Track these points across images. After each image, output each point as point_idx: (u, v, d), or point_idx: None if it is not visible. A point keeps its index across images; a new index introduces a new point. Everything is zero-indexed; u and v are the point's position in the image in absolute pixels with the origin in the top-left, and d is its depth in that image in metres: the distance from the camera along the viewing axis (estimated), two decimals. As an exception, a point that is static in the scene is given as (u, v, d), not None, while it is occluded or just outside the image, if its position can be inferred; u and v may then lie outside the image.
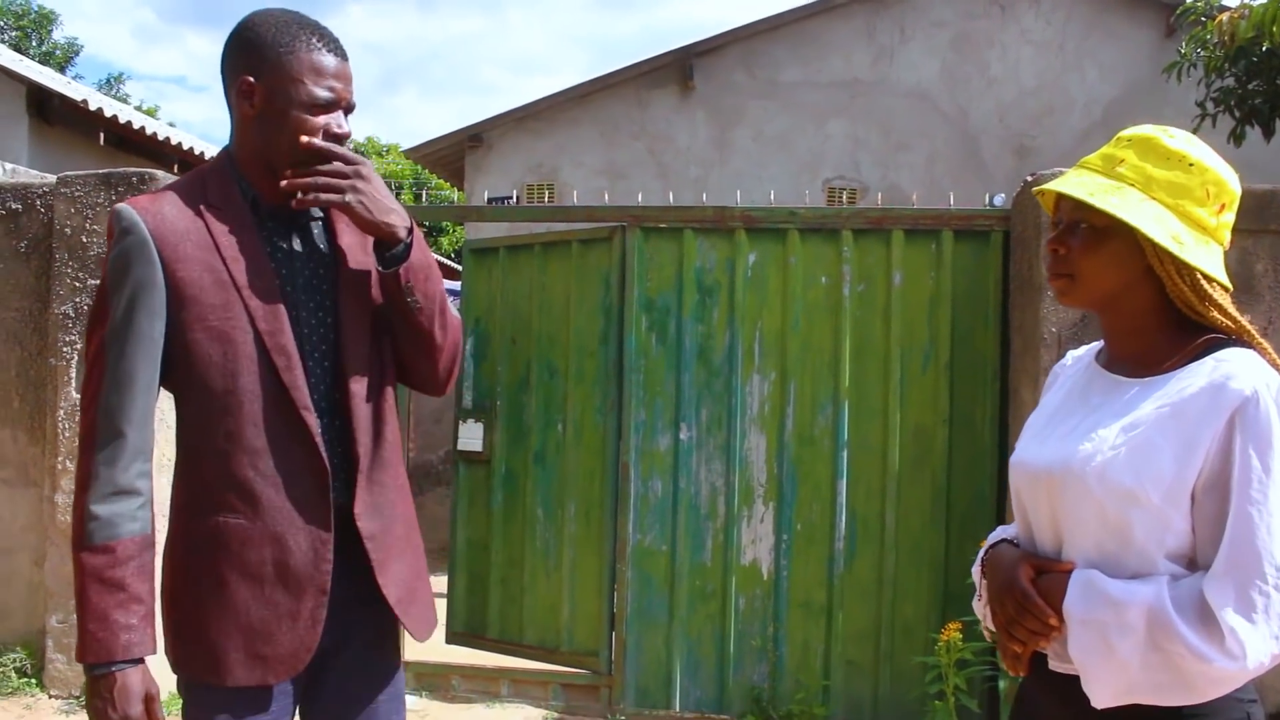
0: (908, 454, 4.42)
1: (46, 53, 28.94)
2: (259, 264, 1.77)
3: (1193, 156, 1.55)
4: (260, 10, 1.81)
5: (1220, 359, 1.50)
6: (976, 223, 4.45)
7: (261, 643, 1.76)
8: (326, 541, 1.78)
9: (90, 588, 1.68)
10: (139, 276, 1.71)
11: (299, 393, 1.75)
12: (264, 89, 1.75)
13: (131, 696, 1.67)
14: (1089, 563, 1.52)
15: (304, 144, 1.76)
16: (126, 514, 1.70)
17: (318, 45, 1.77)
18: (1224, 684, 1.43)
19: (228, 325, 1.73)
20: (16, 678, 4.52)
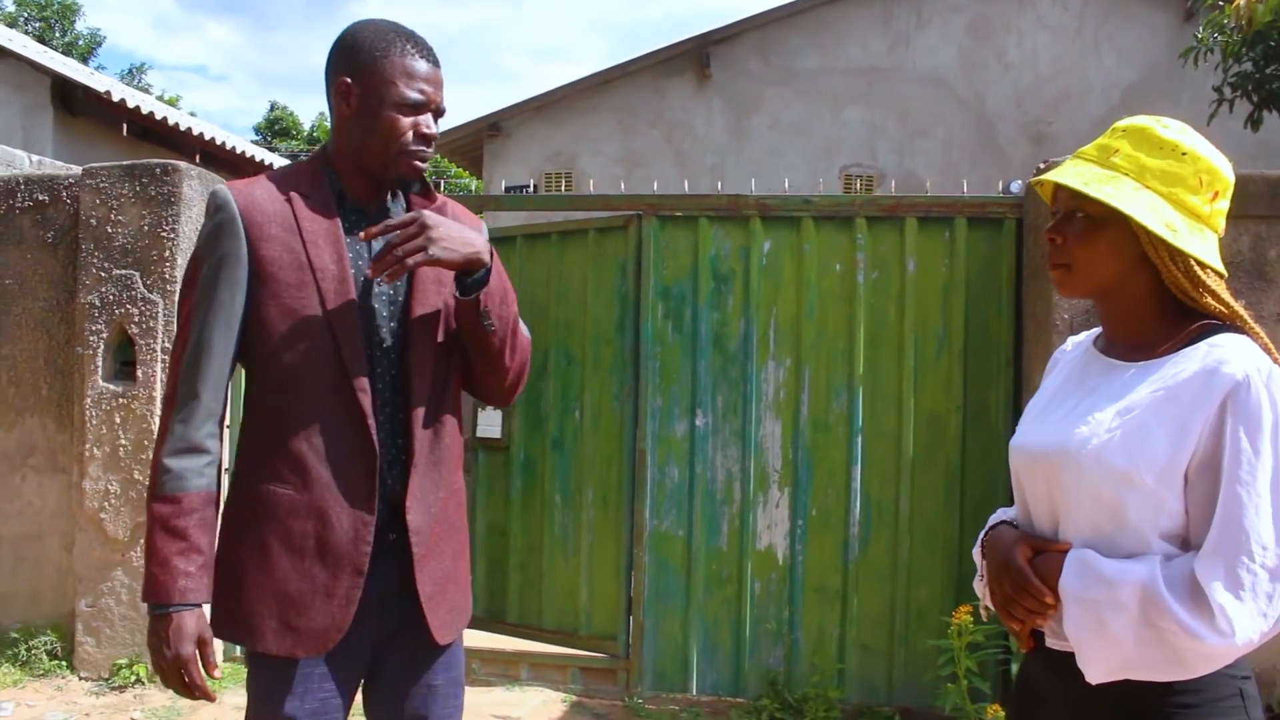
0: (921, 440, 4.45)
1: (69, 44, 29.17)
2: (336, 251, 1.86)
3: (1185, 145, 1.58)
4: (363, 19, 1.93)
5: (1214, 344, 1.53)
6: (990, 210, 4.46)
7: (295, 614, 1.84)
8: (369, 523, 1.85)
9: (156, 534, 1.80)
10: (225, 250, 1.83)
11: (357, 374, 1.84)
12: (360, 90, 1.86)
13: (185, 637, 1.78)
14: (1084, 542, 1.55)
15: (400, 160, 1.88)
16: (194, 469, 1.82)
17: (411, 51, 1.88)
18: (1214, 660, 1.47)
19: (300, 304, 1.83)
20: (48, 660, 4.62)
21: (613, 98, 11.18)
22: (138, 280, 4.51)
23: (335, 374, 1.84)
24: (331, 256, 1.86)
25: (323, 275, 1.84)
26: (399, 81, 1.85)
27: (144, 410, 4.49)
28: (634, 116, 11.12)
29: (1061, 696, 1.62)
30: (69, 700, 4.39)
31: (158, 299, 4.49)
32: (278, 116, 35.43)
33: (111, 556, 4.53)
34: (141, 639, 4.51)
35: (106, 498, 4.51)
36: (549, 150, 11.19)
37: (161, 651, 1.80)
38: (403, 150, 1.87)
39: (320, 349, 1.83)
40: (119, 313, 4.52)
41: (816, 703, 4.36)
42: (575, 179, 10.98)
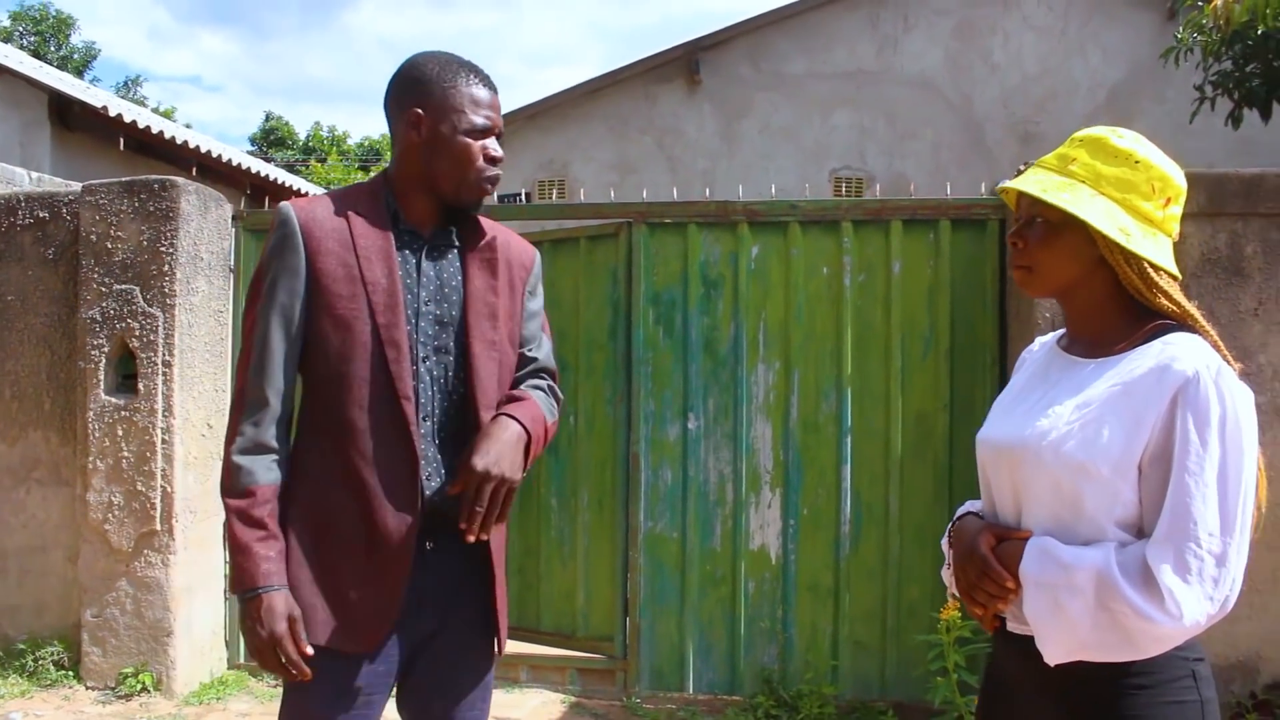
0: (910, 439, 4.53)
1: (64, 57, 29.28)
2: (388, 266, 1.96)
3: (1139, 155, 1.66)
4: (422, 52, 2.06)
5: (1167, 342, 1.61)
6: (974, 211, 4.55)
7: (343, 612, 1.94)
8: (412, 527, 1.93)
9: (236, 526, 1.90)
10: (286, 263, 1.94)
11: (403, 383, 1.93)
12: (430, 119, 1.97)
13: (277, 615, 1.86)
14: (1045, 531, 1.64)
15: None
16: (264, 465, 1.93)
17: (474, 81, 2.01)
18: (1164, 641, 1.55)
19: (351, 315, 1.93)
20: (54, 670, 4.70)
21: (604, 105, 11.28)
22: (138, 295, 4.59)
23: (382, 383, 1.93)
24: (383, 271, 1.95)
25: (374, 289, 1.94)
26: (467, 110, 1.98)
27: (146, 423, 4.57)
28: (625, 123, 11.21)
29: (1024, 679, 1.71)
30: (76, 709, 4.46)
31: (158, 313, 4.57)
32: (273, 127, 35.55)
33: (116, 567, 4.61)
34: (147, 647, 4.59)
35: (110, 509, 4.59)
36: (542, 158, 11.28)
37: (255, 632, 1.86)
38: (478, 174, 1.99)
39: (369, 358, 1.93)
40: (120, 327, 4.60)
41: (811, 699, 4.43)
42: (568, 186, 11.07)
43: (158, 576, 4.58)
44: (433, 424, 2.00)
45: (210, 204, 4.85)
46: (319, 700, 1.95)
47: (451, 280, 2.05)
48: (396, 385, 1.93)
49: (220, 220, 4.91)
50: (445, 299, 2.03)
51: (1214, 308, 3.96)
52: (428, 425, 1.99)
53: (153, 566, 4.58)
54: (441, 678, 2.07)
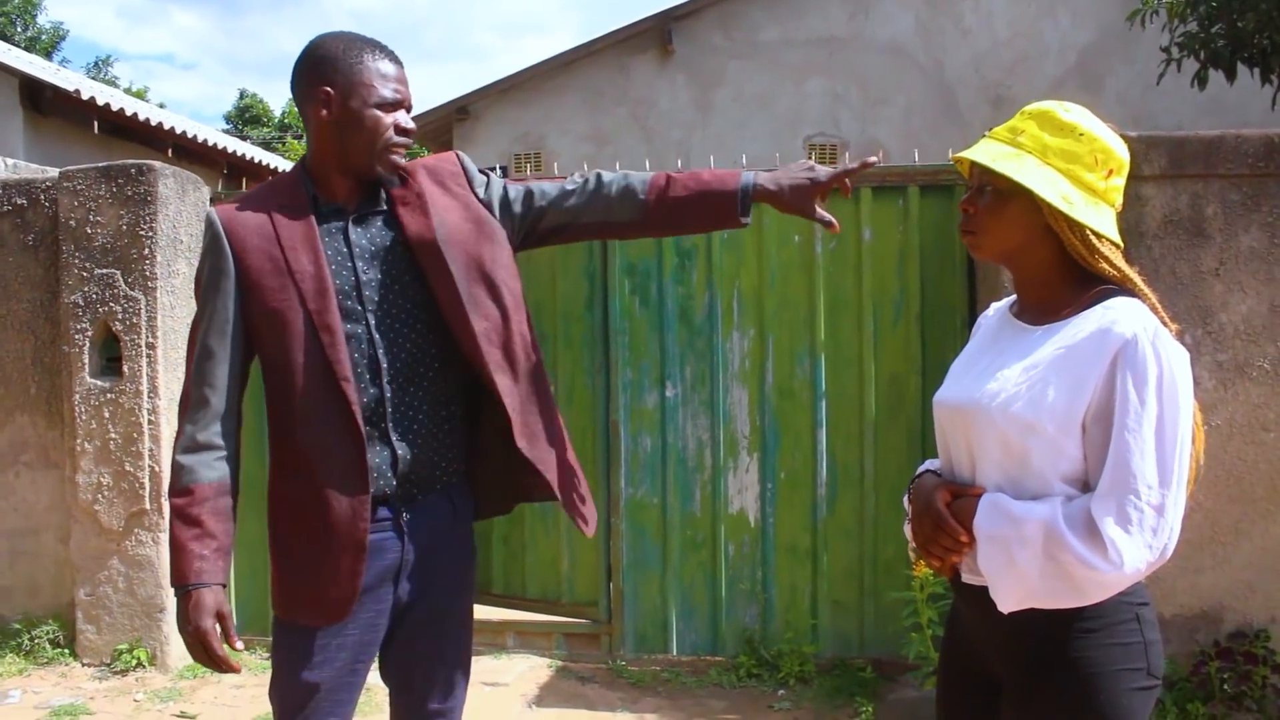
0: (883, 402, 4.63)
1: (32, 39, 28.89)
2: (313, 253, 2.01)
3: (1083, 127, 1.75)
4: (324, 34, 2.09)
5: (1109, 307, 1.71)
6: (941, 178, 4.62)
7: (305, 590, 2.03)
8: (364, 502, 1.99)
9: (174, 524, 1.98)
10: (215, 266, 2.02)
11: (340, 366, 1.98)
12: (339, 96, 2.01)
13: (203, 611, 1.93)
14: (995, 486, 1.73)
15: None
16: (205, 463, 1.99)
17: (380, 56, 2.04)
18: (1108, 588, 1.65)
19: (282, 305, 1.98)
20: (50, 648, 4.78)
21: (578, 77, 11.28)
22: (119, 279, 4.64)
23: (321, 368, 1.98)
24: (309, 259, 2.00)
25: (301, 277, 1.98)
26: (375, 83, 2.00)
27: (131, 404, 4.63)
28: (600, 95, 11.23)
29: (979, 626, 1.81)
30: (73, 686, 4.54)
31: (140, 296, 4.62)
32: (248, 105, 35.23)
33: (107, 546, 4.68)
34: (140, 624, 4.67)
35: (100, 490, 4.66)
36: (517, 131, 11.29)
37: (184, 628, 1.95)
38: (387, 144, 2.02)
39: (304, 346, 1.98)
40: (103, 311, 4.65)
41: (791, 658, 4.55)
42: (544, 159, 11.10)
43: (149, 554, 4.66)
44: (398, 386, 2.05)
45: (188, 187, 4.89)
46: (307, 670, 2.03)
47: (386, 240, 2.07)
48: (335, 369, 1.98)
49: (198, 203, 4.95)
50: (382, 260, 2.06)
51: (1176, 268, 4.05)
52: (393, 389, 2.04)
53: (144, 545, 4.65)
54: (424, 644, 2.15)
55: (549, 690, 4.53)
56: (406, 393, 2.06)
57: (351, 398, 1.98)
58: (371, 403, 2.03)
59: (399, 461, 2.04)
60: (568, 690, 4.53)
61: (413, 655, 2.16)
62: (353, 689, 2.09)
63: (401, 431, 2.05)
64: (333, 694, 2.04)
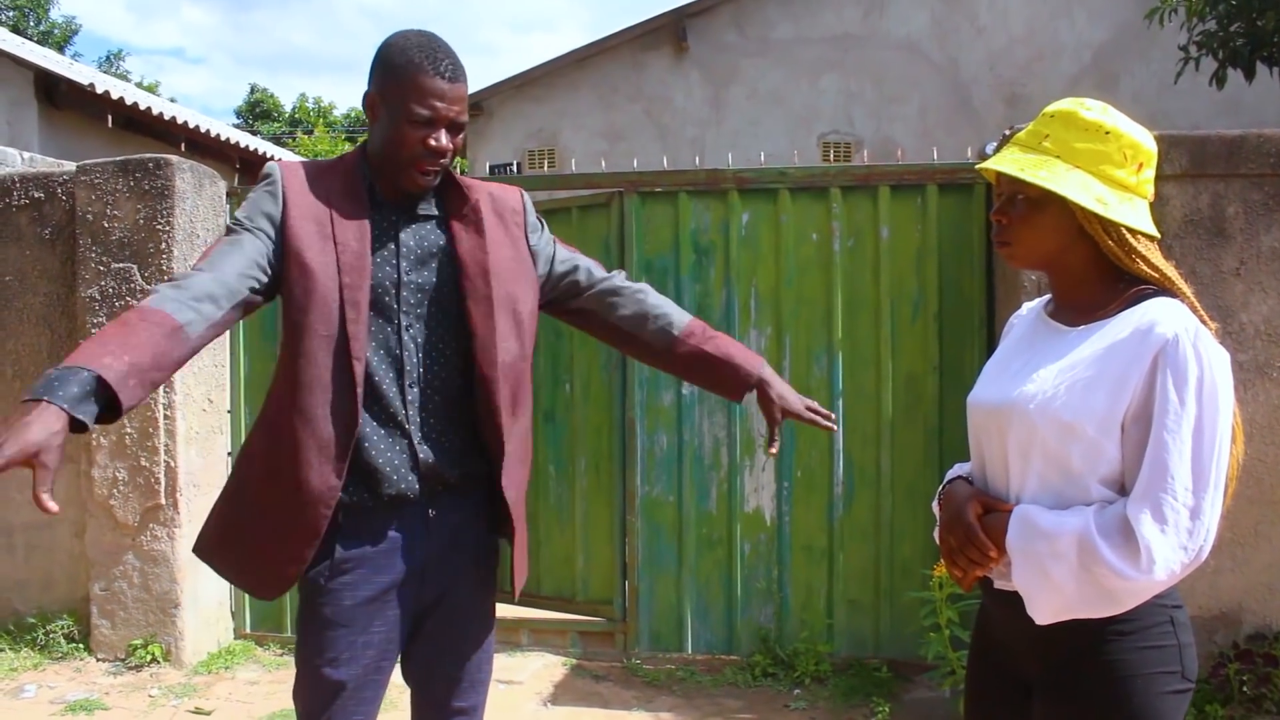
0: (900, 401, 4.61)
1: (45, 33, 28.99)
2: (360, 232, 1.99)
3: (1108, 125, 1.73)
4: (398, 33, 2.05)
5: (1148, 307, 1.69)
6: (960, 176, 4.60)
7: (256, 557, 2.03)
8: (335, 489, 1.95)
9: (110, 325, 1.70)
10: (262, 206, 1.98)
11: (357, 344, 1.94)
12: (382, 104, 2.01)
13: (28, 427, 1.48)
14: (1031, 488, 1.71)
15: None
16: (177, 301, 1.76)
17: (429, 70, 1.97)
18: (1143, 594, 1.63)
19: (316, 265, 1.94)
20: (65, 643, 4.78)
21: (592, 74, 11.27)
22: (136, 273, 4.64)
23: (338, 339, 1.94)
24: (355, 235, 1.98)
25: (343, 249, 1.96)
26: (411, 99, 1.96)
27: (148, 398, 4.62)
28: (614, 91, 11.21)
29: (1011, 631, 1.79)
30: (88, 681, 4.55)
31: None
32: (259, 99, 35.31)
33: (122, 541, 4.68)
34: (155, 619, 4.68)
35: (115, 484, 4.66)
36: (531, 128, 11.29)
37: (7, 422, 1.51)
38: (410, 162, 1.99)
39: (328, 313, 1.93)
40: (119, 305, 4.64)
41: (807, 657, 4.53)
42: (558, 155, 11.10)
43: (164, 549, 4.66)
44: (419, 390, 2.04)
45: (205, 181, 4.88)
46: (332, 669, 2.01)
47: (433, 248, 2.07)
48: (351, 345, 1.94)
49: (215, 197, 4.95)
50: (427, 266, 2.06)
51: (1196, 268, 4.03)
52: (414, 391, 2.03)
53: (158, 540, 4.65)
54: (446, 642, 2.15)
55: (564, 688, 4.52)
56: (427, 398, 2.05)
57: (358, 378, 1.95)
58: (392, 403, 2.01)
59: (421, 464, 2.03)
60: (582, 688, 4.52)
61: (435, 653, 2.15)
62: (378, 687, 2.07)
63: (424, 434, 2.04)
64: (358, 692, 2.03)
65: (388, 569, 2.02)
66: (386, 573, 2.02)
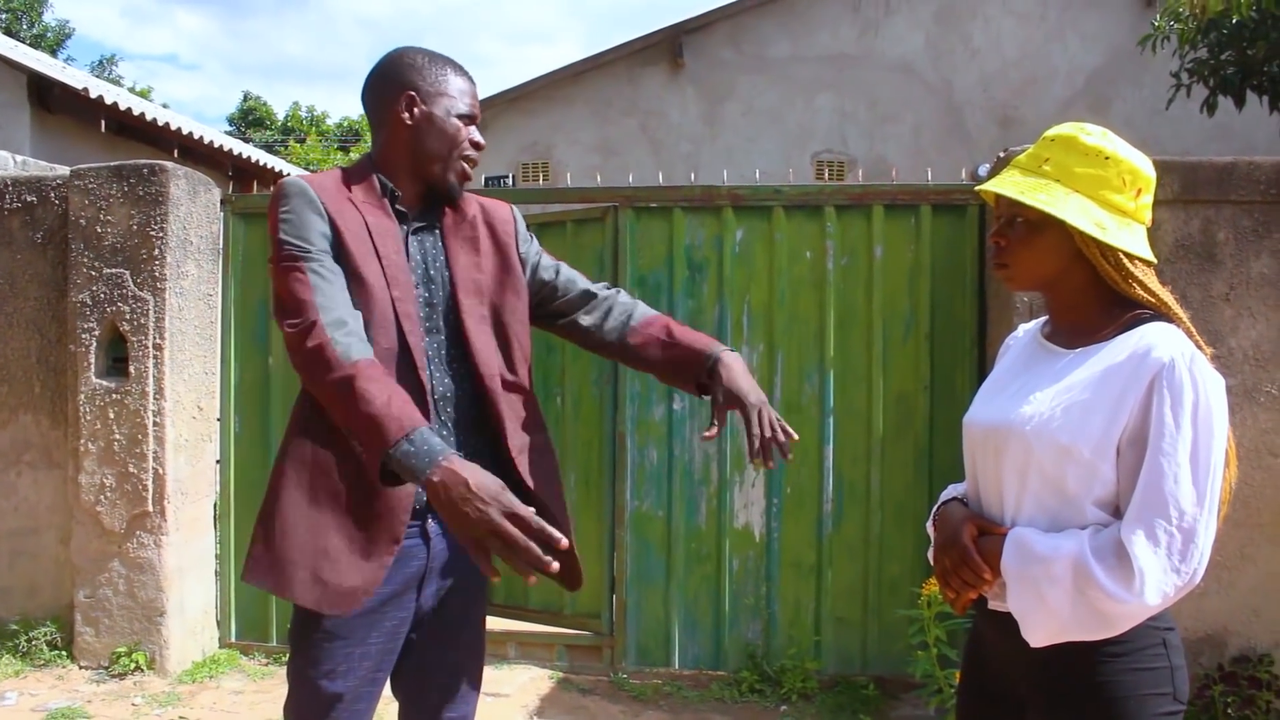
0: (891, 419, 4.62)
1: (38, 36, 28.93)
2: (395, 241, 2.02)
3: (1108, 150, 1.75)
4: (405, 46, 2.17)
5: (1145, 332, 1.70)
6: (954, 197, 4.62)
7: (328, 570, 1.92)
8: (412, 494, 1.95)
9: (355, 395, 1.73)
10: (317, 224, 1.94)
11: (419, 354, 1.97)
12: (423, 102, 2.06)
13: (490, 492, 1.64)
14: (1027, 510, 1.72)
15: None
16: (360, 342, 1.83)
17: (459, 72, 2.13)
18: (1137, 617, 1.64)
19: (370, 277, 1.94)
20: (48, 650, 4.74)
21: (588, 88, 11.30)
22: (128, 279, 4.62)
23: (401, 351, 1.95)
24: (394, 248, 2.01)
25: (387, 262, 1.98)
26: (456, 96, 2.08)
27: (137, 405, 4.61)
28: (609, 106, 11.25)
29: (1003, 651, 1.80)
30: (71, 689, 4.51)
31: (148, 296, 4.60)
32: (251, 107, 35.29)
33: (108, 548, 4.65)
34: (140, 627, 4.64)
35: (102, 491, 4.63)
36: (525, 140, 11.30)
37: (461, 504, 1.62)
38: (459, 156, 2.07)
39: (386, 326, 1.94)
40: (110, 310, 4.63)
41: (794, 674, 4.53)
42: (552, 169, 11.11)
43: (150, 557, 4.63)
44: (433, 401, 2.04)
45: (199, 188, 4.88)
46: (329, 680, 1.99)
47: (435, 262, 2.09)
48: (415, 357, 1.96)
49: (209, 204, 4.95)
50: (431, 280, 2.08)
51: (1186, 293, 4.06)
52: (429, 402, 2.03)
53: (145, 547, 4.63)
54: (439, 652, 2.14)
55: (550, 702, 4.50)
56: (439, 409, 2.05)
57: (427, 387, 1.98)
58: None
59: None
60: (569, 702, 4.50)
61: (429, 665, 2.14)
62: (372, 699, 2.07)
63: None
64: (353, 704, 2.02)
65: (387, 580, 2.01)
66: (386, 584, 2.01)
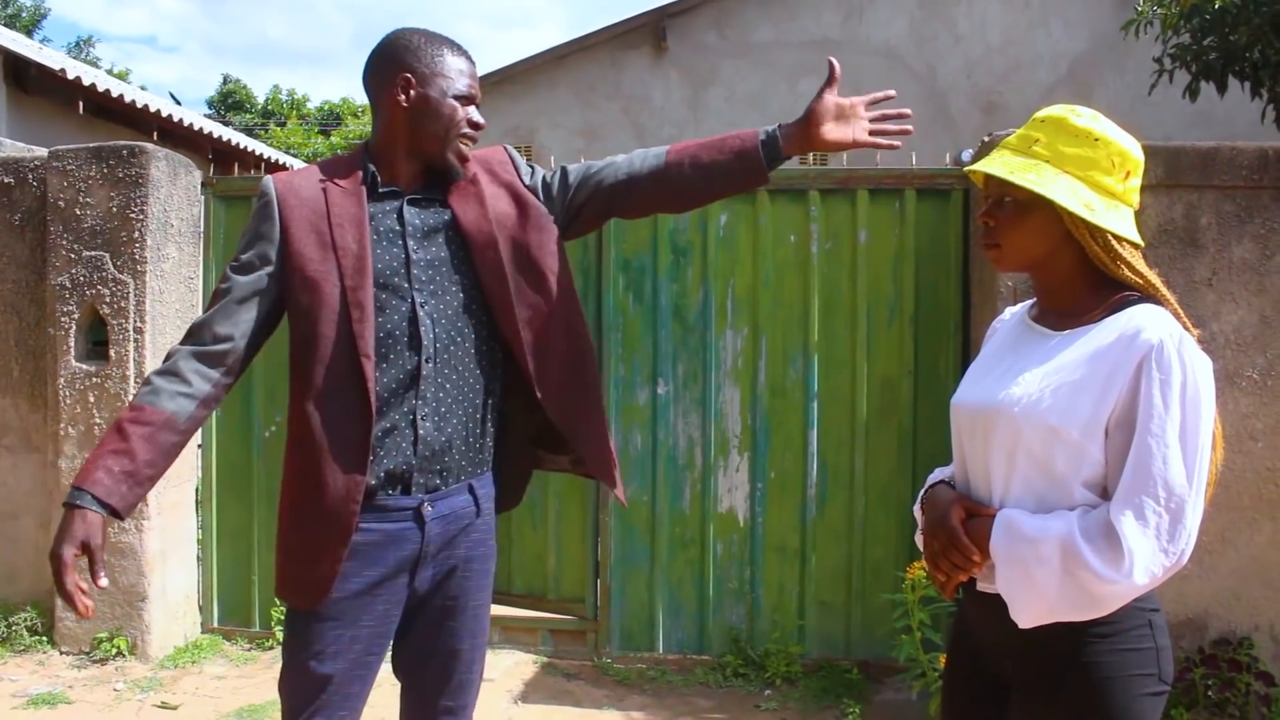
0: (875, 403, 4.63)
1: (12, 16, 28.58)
2: (359, 233, 2.03)
3: (1097, 132, 1.74)
4: (404, 28, 2.17)
5: (1133, 314, 1.70)
6: (938, 181, 4.63)
7: (297, 567, 2.02)
8: (359, 484, 1.97)
9: (109, 430, 1.94)
10: (261, 231, 2.06)
11: (363, 341, 1.98)
12: (419, 83, 2.07)
13: (70, 535, 1.84)
14: (1015, 491, 1.72)
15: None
16: (168, 392, 1.97)
17: (458, 53, 2.14)
18: (1126, 597, 1.64)
19: (319, 276, 2.00)
20: (28, 635, 4.71)
21: (571, 71, 11.25)
22: (108, 261, 4.58)
23: (345, 341, 1.99)
24: (354, 237, 2.03)
25: (343, 253, 2.01)
26: (454, 76, 2.10)
27: (117, 389, 4.58)
28: (592, 90, 11.20)
29: (990, 633, 1.80)
30: (51, 674, 4.49)
31: (128, 279, 4.56)
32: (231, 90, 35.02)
33: (89, 532, 4.61)
34: (121, 612, 4.62)
35: (82, 475, 4.59)
36: (508, 124, 11.25)
37: (53, 546, 1.86)
38: (460, 134, 2.09)
39: (334, 318, 1.99)
40: (90, 294, 4.59)
41: (778, 658, 4.54)
42: (535, 152, 11.06)
43: (131, 542, 4.61)
44: (434, 366, 2.05)
45: (180, 170, 4.83)
46: (318, 662, 2.00)
47: (439, 224, 2.11)
48: (357, 344, 1.98)
49: (190, 187, 4.90)
50: (434, 243, 2.09)
51: (1170, 277, 4.06)
52: (429, 367, 2.04)
53: (126, 532, 4.60)
54: (438, 637, 2.14)
55: (534, 686, 4.51)
56: (442, 374, 2.06)
57: (369, 374, 1.98)
58: (406, 379, 2.02)
59: (421, 442, 2.03)
60: (553, 687, 4.51)
61: (427, 649, 2.14)
62: (364, 682, 2.07)
63: (430, 411, 2.05)
64: (344, 686, 2.02)
65: (378, 562, 2.02)
66: (376, 566, 2.02)
